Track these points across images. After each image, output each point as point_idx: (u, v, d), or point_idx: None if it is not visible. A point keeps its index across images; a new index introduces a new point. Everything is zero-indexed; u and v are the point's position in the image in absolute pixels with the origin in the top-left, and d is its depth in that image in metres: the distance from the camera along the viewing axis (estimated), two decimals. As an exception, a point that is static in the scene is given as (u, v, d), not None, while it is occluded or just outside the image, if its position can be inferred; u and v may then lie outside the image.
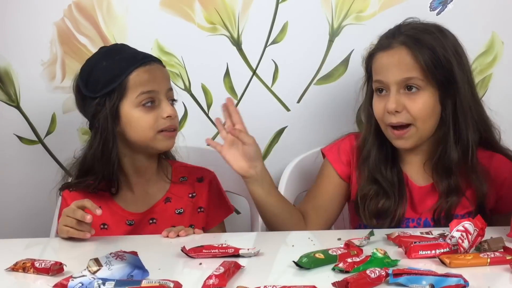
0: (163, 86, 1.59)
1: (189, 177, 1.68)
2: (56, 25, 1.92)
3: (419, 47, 1.51)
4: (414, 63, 1.51)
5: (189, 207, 1.65)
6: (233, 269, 1.17)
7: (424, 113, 1.52)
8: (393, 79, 1.52)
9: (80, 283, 1.10)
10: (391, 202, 1.58)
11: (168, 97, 1.60)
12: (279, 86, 1.97)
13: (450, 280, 1.09)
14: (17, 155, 1.97)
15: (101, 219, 1.56)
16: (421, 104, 1.52)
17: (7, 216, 1.98)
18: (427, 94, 1.52)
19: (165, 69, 1.64)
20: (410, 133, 1.53)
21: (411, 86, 1.52)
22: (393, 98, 1.52)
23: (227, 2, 1.93)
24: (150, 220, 1.62)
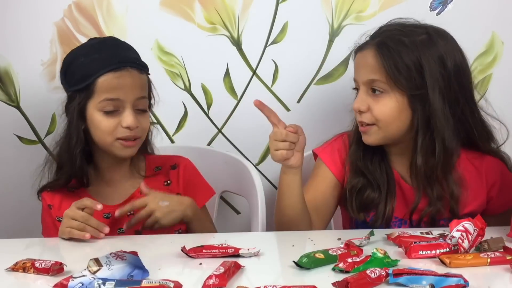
0: (131, 95, 1.55)
1: (163, 166, 1.68)
2: (56, 25, 1.92)
3: (386, 52, 1.52)
4: (378, 66, 1.52)
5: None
6: (233, 269, 1.17)
7: (387, 115, 1.53)
8: (361, 79, 1.56)
9: (80, 283, 1.10)
10: (377, 195, 1.58)
11: (134, 106, 1.56)
12: (279, 86, 1.97)
13: (450, 280, 1.09)
14: (17, 155, 1.97)
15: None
16: (383, 106, 1.53)
17: (7, 216, 1.98)
18: (392, 98, 1.52)
19: (141, 77, 1.58)
20: (372, 131, 1.55)
21: (375, 89, 1.53)
22: (358, 98, 1.56)
23: (227, 2, 1.93)
24: (128, 213, 1.58)
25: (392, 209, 1.58)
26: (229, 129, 1.98)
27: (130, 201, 1.56)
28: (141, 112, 1.58)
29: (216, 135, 1.98)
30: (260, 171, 1.95)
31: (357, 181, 1.60)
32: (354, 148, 1.63)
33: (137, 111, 1.57)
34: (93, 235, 1.42)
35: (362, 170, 1.61)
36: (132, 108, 1.56)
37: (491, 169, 1.61)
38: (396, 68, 1.51)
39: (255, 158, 1.99)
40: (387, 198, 1.58)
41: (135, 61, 1.59)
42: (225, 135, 1.98)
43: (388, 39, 1.54)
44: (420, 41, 1.52)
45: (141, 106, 1.58)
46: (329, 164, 1.66)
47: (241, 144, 1.99)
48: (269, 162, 1.97)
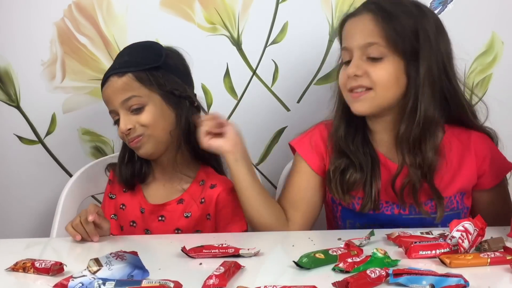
0: (115, 101, 1.59)
1: (206, 181, 1.66)
2: (56, 25, 1.92)
3: (385, 15, 1.50)
4: (377, 30, 1.49)
5: (198, 213, 1.63)
6: (233, 269, 1.17)
7: (386, 80, 1.50)
8: (356, 44, 1.51)
9: (80, 283, 1.10)
10: (360, 175, 1.56)
11: (127, 109, 1.59)
12: (279, 86, 1.97)
13: (451, 280, 1.09)
14: (17, 155, 1.97)
15: (123, 200, 1.68)
16: (382, 70, 1.49)
17: (7, 216, 1.98)
18: (390, 63, 1.50)
19: (121, 80, 1.59)
20: (366, 96, 1.51)
21: (372, 57, 1.49)
22: (354, 62, 1.51)
23: (227, 2, 1.93)
24: (159, 217, 1.64)
25: (378, 191, 1.56)
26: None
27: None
28: (137, 111, 1.59)
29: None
30: (260, 171, 1.95)
31: (340, 162, 1.58)
32: (336, 127, 1.60)
33: (133, 112, 1.59)
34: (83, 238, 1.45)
35: (344, 150, 1.58)
36: (126, 112, 1.59)
37: (479, 144, 1.60)
38: (396, 32, 1.49)
39: (255, 158, 1.99)
40: (372, 179, 1.56)
41: (115, 67, 1.62)
42: (225, 135, 1.98)
43: (387, 5, 1.52)
44: (414, 10, 1.52)
45: (133, 105, 1.58)
46: (306, 158, 1.63)
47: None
48: (269, 162, 1.98)
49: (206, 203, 1.63)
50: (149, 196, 1.67)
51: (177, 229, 1.62)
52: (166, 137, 1.61)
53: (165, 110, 1.61)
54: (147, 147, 1.60)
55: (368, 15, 1.51)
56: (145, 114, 1.59)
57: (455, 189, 1.58)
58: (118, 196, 1.69)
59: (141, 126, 1.58)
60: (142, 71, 1.59)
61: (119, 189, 1.69)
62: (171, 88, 1.60)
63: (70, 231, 1.46)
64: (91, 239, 1.44)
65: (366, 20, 1.51)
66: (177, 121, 1.61)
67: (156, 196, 1.66)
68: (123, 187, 1.68)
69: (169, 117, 1.61)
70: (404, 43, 1.49)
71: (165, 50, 1.65)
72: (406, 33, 1.49)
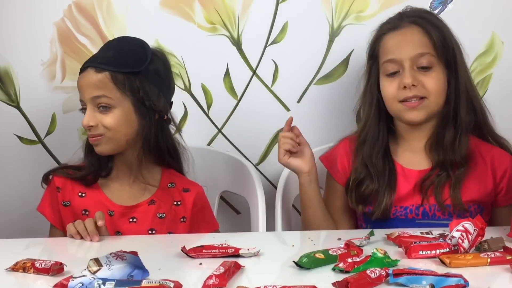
0: (86, 94, 1.58)
1: (177, 184, 1.68)
2: (56, 25, 1.92)
3: (429, 25, 1.59)
4: (426, 40, 1.58)
5: (171, 214, 1.64)
6: (233, 269, 1.17)
7: (438, 88, 1.58)
8: (407, 55, 1.57)
9: (80, 283, 1.10)
10: (376, 188, 1.61)
11: (94, 105, 1.57)
12: (279, 86, 1.97)
13: (450, 280, 1.09)
14: (17, 155, 1.96)
15: (84, 205, 1.62)
16: (436, 79, 1.58)
17: (7, 216, 1.98)
18: (439, 71, 1.59)
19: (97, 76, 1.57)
20: (423, 104, 1.58)
21: (424, 66, 1.57)
22: (408, 73, 1.57)
23: (227, 2, 1.93)
24: (130, 219, 1.63)
25: (391, 203, 1.61)
26: (229, 129, 1.98)
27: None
28: (104, 109, 1.57)
29: (216, 135, 1.98)
30: (260, 171, 1.95)
31: (360, 172, 1.64)
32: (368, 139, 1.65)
33: (100, 110, 1.57)
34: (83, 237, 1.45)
35: (365, 163, 1.63)
36: (94, 108, 1.58)
37: (498, 159, 1.63)
38: (441, 41, 1.58)
39: (255, 158, 1.99)
40: (386, 190, 1.61)
41: (96, 60, 1.61)
42: (225, 135, 1.98)
43: (424, 16, 1.61)
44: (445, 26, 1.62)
45: (101, 104, 1.57)
46: (334, 174, 1.71)
47: (241, 144, 1.99)
48: (269, 162, 1.98)
49: (182, 205, 1.65)
50: (113, 198, 1.64)
51: (151, 229, 1.62)
52: (125, 143, 1.60)
53: (131, 117, 1.59)
54: (104, 148, 1.59)
55: (416, 27, 1.60)
56: (110, 117, 1.57)
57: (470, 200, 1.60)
58: (73, 202, 1.63)
59: (103, 127, 1.57)
60: (120, 73, 1.58)
61: (72, 194, 1.63)
62: (144, 96, 1.58)
63: (71, 229, 1.46)
64: (91, 239, 1.44)
65: (414, 32, 1.59)
66: (138, 131, 1.60)
67: (122, 197, 1.64)
68: (79, 191, 1.63)
69: (133, 124, 1.59)
70: (448, 53, 1.58)
71: (151, 55, 1.63)
72: (448, 43, 1.58)
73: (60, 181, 1.65)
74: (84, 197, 1.63)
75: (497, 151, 1.64)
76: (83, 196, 1.63)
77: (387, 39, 1.62)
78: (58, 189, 1.65)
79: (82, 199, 1.63)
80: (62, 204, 1.64)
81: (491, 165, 1.62)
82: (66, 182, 1.65)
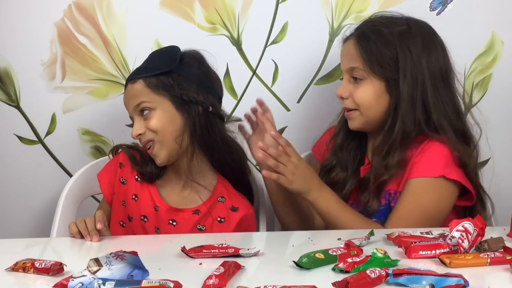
0: (129, 107, 1.63)
1: (226, 200, 1.65)
2: (56, 25, 1.92)
3: (364, 41, 1.63)
4: (357, 55, 1.62)
5: (213, 229, 1.62)
6: (233, 269, 1.17)
7: (366, 100, 1.62)
8: (343, 68, 1.67)
9: (80, 283, 1.10)
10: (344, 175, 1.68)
11: (138, 114, 1.61)
12: (279, 86, 1.97)
13: (450, 280, 1.09)
14: (17, 155, 1.97)
15: (136, 190, 1.66)
16: (362, 92, 1.62)
17: (7, 216, 1.98)
18: (370, 84, 1.62)
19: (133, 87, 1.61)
20: (353, 115, 1.65)
21: (355, 76, 1.63)
22: (341, 85, 1.66)
23: (227, 2, 1.93)
24: (170, 221, 1.63)
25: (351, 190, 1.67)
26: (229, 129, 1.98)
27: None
28: (147, 114, 1.60)
29: (216, 135, 1.98)
30: (260, 171, 1.95)
31: (331, 160, 1.71)
32: (338, 133, 1.73)
33: (144, 116, 1.60)
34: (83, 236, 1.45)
35: (337, 152, 1.71)
36: (139, 117, 1.61)
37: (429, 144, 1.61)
38: (373, 56, 1.61)
39: (255, 158, 1.99)
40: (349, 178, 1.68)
41: (131, 74, 1.66)
42: (225, 135, 1.98)
43: (368, 29, 1.65)
44: (398, 31, 1.62)
45: (143, 109, 1.60)
46: (318, 157, 1.77)
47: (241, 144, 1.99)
48: (269, 162, 1.97)
49: (225, 224, 1.63)
50: (163, 195, 1.66)
51: None
52: (175, 144, 1.60)
53: (173, 114, 1.60)
54: (161, 156, 1.61)
55: (352, 41, 1.65)
56: (153, 119, 1.59)
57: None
58: (129, 182, 1.67)
59: (150, 131, 1.60)
60: (153, 76, 1.60)
61: (131, 175, 1.67)
62: (181, 92, 1.59)
63: (73, 228, 1.46)
64: (91, 239, 1.44)
65: (350, 46, 1.65)
66: (185, 126, 1.60)
67: (171, 199, 1.66)
68: (137, 175, 1.66)
69: (177, 121, 1.60)
70: (381, 66, 1.61)
71: (183, 54, 1.64)
72: (383, 56, 1.61)
73: (124, 159, 1.69)
74: (139, 182, 1.66)
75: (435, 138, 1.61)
76: (138, 181, 1.67)
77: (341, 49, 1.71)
78: (121, 164, 1.69)
79: (136, 184, 1.66)
80: (120, 180, 1.68)
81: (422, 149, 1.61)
82: (129, 162, 1.68)
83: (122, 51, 1.92)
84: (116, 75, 1.92)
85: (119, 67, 1.92)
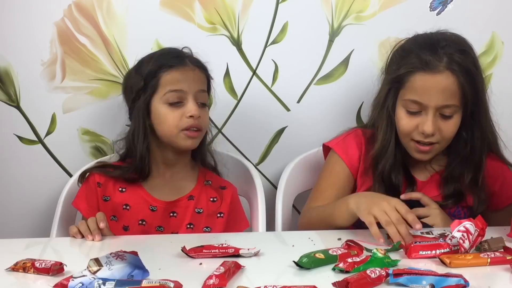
0: (193, 87, 1.65)
1: (213, 182, 1.73)
2: (56, 25, 1.92)
3: (464, 75, 1.52)
4: (457, 92, 1.52)
5: (208, 210, 1.69)
6: (233, 269, 1.17)
7: (453, 134, 1.56)
8: (434, 103, 1.52)
9: (81, 283, 1.10)
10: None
11: (196, 98, 1.65)
12: (279, 86, 1.97)
13: (451, 280, 1.09)
14: (17, 155, 1.96)
15: (124, 200, 1.66)
16: (453, 127, 1.56)
17: (7, 216, 1.98)
18: (458, 117, 1.56)
19: (201, 72, 1.69)
20: (434, 148, 1.57)
21: (447, 116, 1.54)
22: (430, 122, 1.53)
23: (227, 2, 1.93)
24: (171, 213, 1.67)
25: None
26: (229, 129, 1.98)
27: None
28: (202, 105, 1.67)
29: (216, 135, 1.98)
30: (260, 171, 1.95)
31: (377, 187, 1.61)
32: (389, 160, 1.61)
33: (198, 104, 1.65)
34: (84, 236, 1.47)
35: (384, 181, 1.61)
36: (194, 100, 1.64)
37: (492, 166, 1.64)
38: (471, 93, 1.53)
39: (255, 158, 1.99)
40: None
41: (195, 59, 1.71)
42: (225, 135, 1.98)
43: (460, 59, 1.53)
44: (472, 55, 1.57)
45: (202, 99, 1.66)
46: (345, 159, 1.67)
47: (241, 144, 1.99)
48: (269, 162, 1.98)
49: (218, 202, 1.69)
50: (155, 194, 1.68)
51: (190, 224, 1.66)
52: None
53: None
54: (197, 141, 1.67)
55: (451, 77, 1.52)
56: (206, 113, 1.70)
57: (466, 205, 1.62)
58: (113, 197, 1.67)
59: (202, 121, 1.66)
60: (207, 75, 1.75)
61: (113, 190, 1.67)
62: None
63: (72, 229, 1.48)
64: (93, 238, 1.44)
65: (449, 82, 1.52)
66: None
67: (163, 193, 1.68)
68: (120, 187, 1.67)
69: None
70: (472, 100, 1.54)
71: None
72: (475, 91, 1.54)
73: (101, 178, 1.68)
74: (125, 192, 1.67)
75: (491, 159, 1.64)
76: (124, 191, 1.67)
77: (418, 78, 1.54)
78: (99, 184, 1.68)
79: (123, 194, 1.67)
80: (102, 199, 1.67)
81: (487, 172, 1.63)
82: (106, 178, 1.68)
83: (122, 51, 1.92)
84: (116, 75, 1.92)
85: (119, 67, 1.92)
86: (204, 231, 1.67)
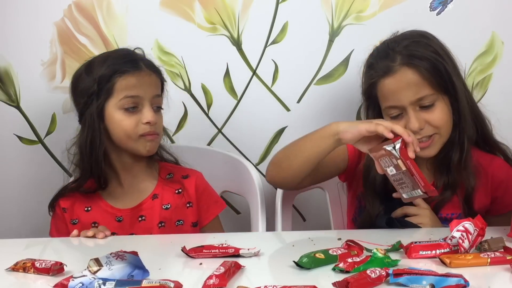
0: (149, 92, 1.63)
1: (175, 174, 1.72)
2: (56, 25, 1.92)
3: (425, 63, 1.53)
4: (422, 81, 1.53)
5: (176, 203, 1.68)
6: (233, 269, 1.17)
7: (445, 120, 1.56)
8: (407, 101, 1.54)
9: (81, 283, 1.10)
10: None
11: (152, 104, 1.63)
12: (279, 86, 1.97)
13: (451, 280, 1.09)
14: (17, 155, 1.97)
15: (92, 218, 1.64)
16: (440, 113, 1.55)
17: (7, 216, 1.98)
18: (442, 103, 1.55)
19: (156, 76, 1.67)
20: (434, 140, 1.57)
21: (424, 105, 1.54)
22: (413, 118, 1.54)
23: (227, 2, 1.93)
24: (139, 218, 1.66)
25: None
26: (229, 129, 1.98)
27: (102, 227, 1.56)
28: (158, 109, 1.66)
29: (216, 135, 1.98)
30: (260, 171, 1.95)
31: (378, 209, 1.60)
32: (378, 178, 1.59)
33: (154, 109, 1.64)
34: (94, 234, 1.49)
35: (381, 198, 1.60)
36: (150, 105, 1.63)
37: (497, 170, 1.64)
38: (435, 73, 1.53)
39: (255, 158, 1.99)
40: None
41: (149, 63, 1.67)
42: (225, 135, 1.98)
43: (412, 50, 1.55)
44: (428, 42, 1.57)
45: (157, 103, 1.66)
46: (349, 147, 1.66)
47: (241, 144, 1.99)
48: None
49: (183, 192, 1.68)
50: (117, 204, 1.66)
51: (161, 223, 1.65)
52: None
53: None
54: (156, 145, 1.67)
55: (409, 70, 1.54)
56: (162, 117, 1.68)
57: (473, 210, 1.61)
58: (81, 218, 1.65)
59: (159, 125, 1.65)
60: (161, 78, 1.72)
61: (79, 212, 1.65)
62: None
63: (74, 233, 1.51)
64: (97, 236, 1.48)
65: (408, 76, 1.54)
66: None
67: (125, 201, 1.67)
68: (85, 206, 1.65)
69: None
70: (444, 80, 1.54)
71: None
72: (441, 70, 1.54)
73: (65, 203, 1.67)
74: (90, 211, 1.66)
75: (498, 161, 1.65)
76: (89, 210, 1.66)
77: (382, 85, 1.57)
78: (64, 209, 1.66)
79: (89, 213, 1.66)
80: (70, 223, 1.66)
81: (491, 174, 1.63)
82: (71, 202, 1.67)
83: (122, 51, 1.92)
84: (116, 75, 1.92)
85: (119, 67, 1.92)
86: (177, 225, 1.66)
